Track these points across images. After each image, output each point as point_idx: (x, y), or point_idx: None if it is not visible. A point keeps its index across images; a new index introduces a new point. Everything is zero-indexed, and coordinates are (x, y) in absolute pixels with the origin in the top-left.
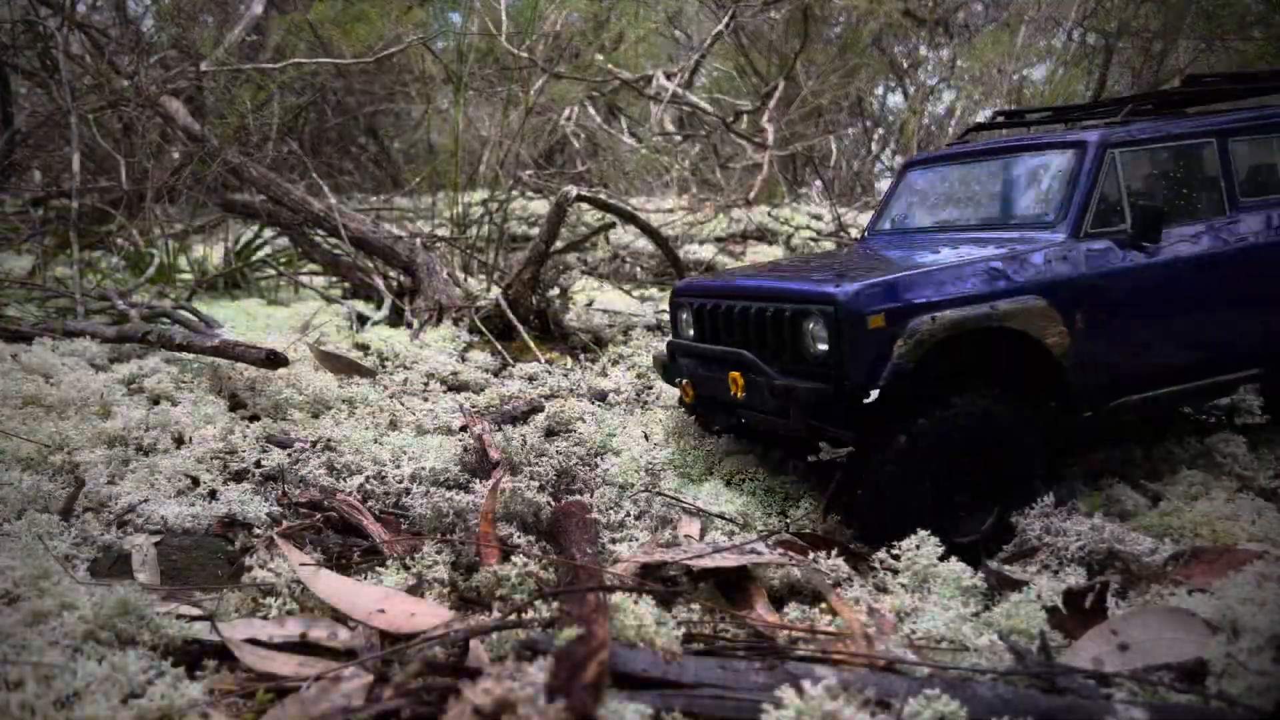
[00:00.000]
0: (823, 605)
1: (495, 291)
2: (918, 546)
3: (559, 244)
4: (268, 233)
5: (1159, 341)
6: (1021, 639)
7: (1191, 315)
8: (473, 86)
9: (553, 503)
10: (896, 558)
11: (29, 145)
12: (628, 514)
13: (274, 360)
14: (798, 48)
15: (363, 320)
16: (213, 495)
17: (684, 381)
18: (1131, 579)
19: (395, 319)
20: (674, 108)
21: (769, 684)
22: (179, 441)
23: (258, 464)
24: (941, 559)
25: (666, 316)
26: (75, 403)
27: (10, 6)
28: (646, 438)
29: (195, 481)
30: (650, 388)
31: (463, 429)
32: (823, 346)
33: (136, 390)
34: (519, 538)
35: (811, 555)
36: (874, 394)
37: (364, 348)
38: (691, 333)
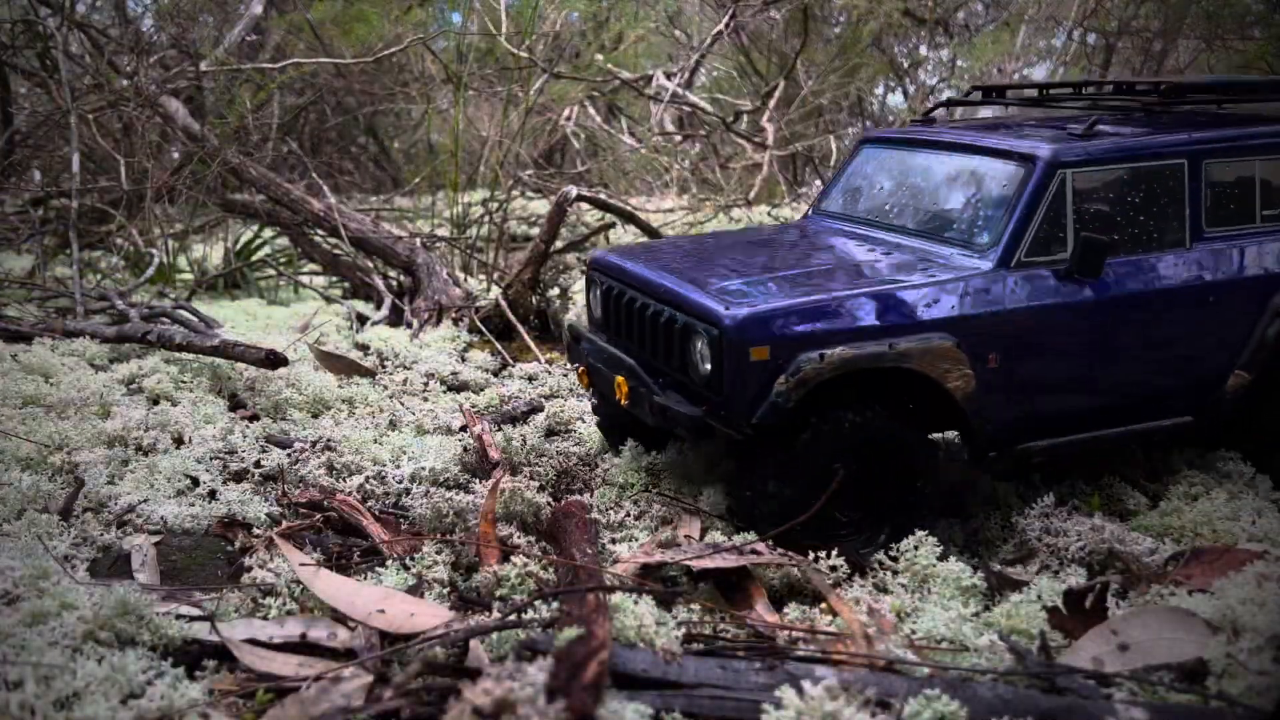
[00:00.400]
0: (823, 605)
1: (495, 291)
2: (916, 547)
3: (559, 244)
4: (268, 233)
5: (1081, 385)
6: (1022, 639)
7: (1123, 358)
8: (473, 86)
9: (553, 503)
10: (895, 559)
11: (29, 145)
12: (628, 514)
13: (274, 360)
14: (798, 47)
15: (363, 320)
16: (212, 495)
17: (580, 368)
18: (1132, 579)
19: (395, 319)
20: (674, 108)
21: (769, 684)
22: (178, 441)
23: (257, 464)
24: (940, 559)
25: None
26: (75, 403)
27: (10, 6)
28: None
29: (195, 481)
30: None
31: (463, 429)
32: (707, 367)
33: (136, 390)
34: (519, 538)
35: (812, 555)
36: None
37: (364, 348)
38: (599, 313)
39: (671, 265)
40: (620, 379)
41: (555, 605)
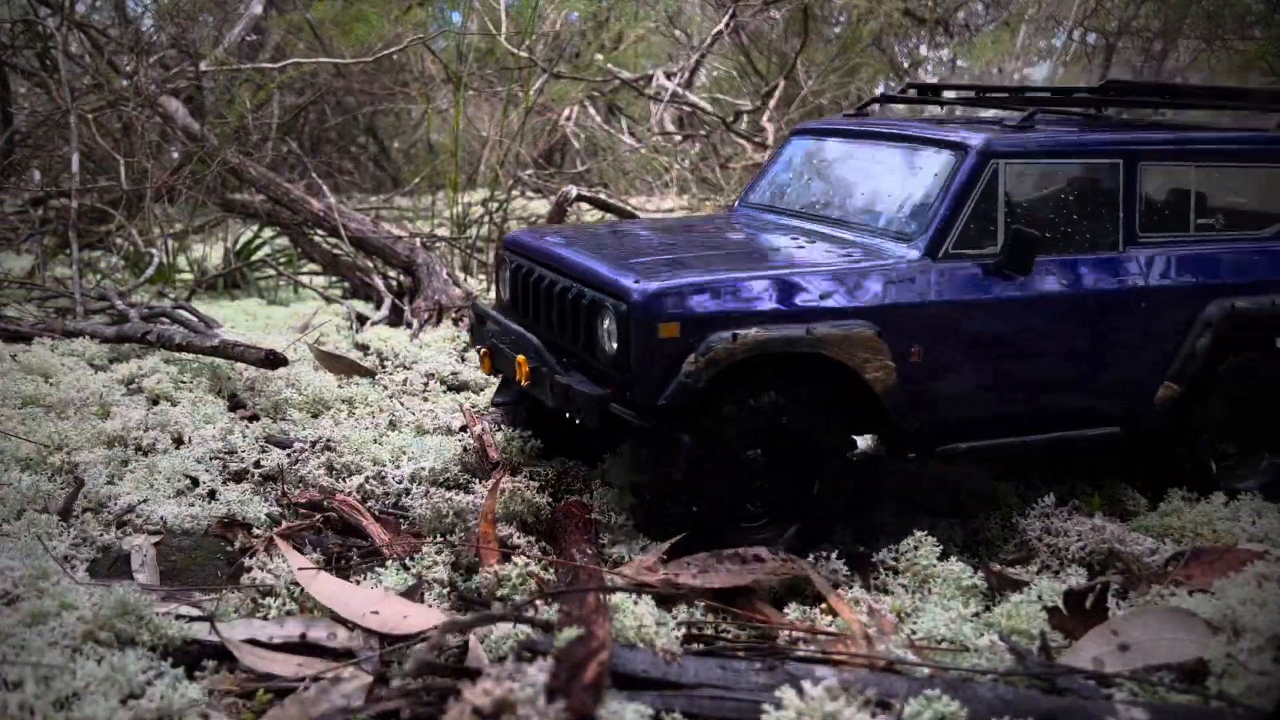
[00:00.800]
0: (823, 605)
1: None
2: (916, 547)
3: None
4: (267, 233)
5: (1008, 387)
6: (1022, 639)
7: (1051, 362)
8: (473, 86)
9: (553, 503)
10: (897, 559)
11: (28, 145)
12: (628, 515)
13: (273, 360)
14: (798, 47)
15: (362, 320)
16: (212, 495)
17: (483, 350)
18: (1132, 579)
19: (395, 319)
20: (674, 107)
21: (769, 685)
22: (178, 441)
23: (257, 464)
24: (941, 559)
25: None
26: (74, 403)
27: (10, 6)
28: None
29: (194, 482)
30: None
31: (463, 429)
32: (614, 345)
33: (136, 390)
34: (519, 538)
35: (813, 556)
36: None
37: (364, 348)
38: (508, 295)
39: (586, 244)
40: (521, 358)
41: (556, 607)
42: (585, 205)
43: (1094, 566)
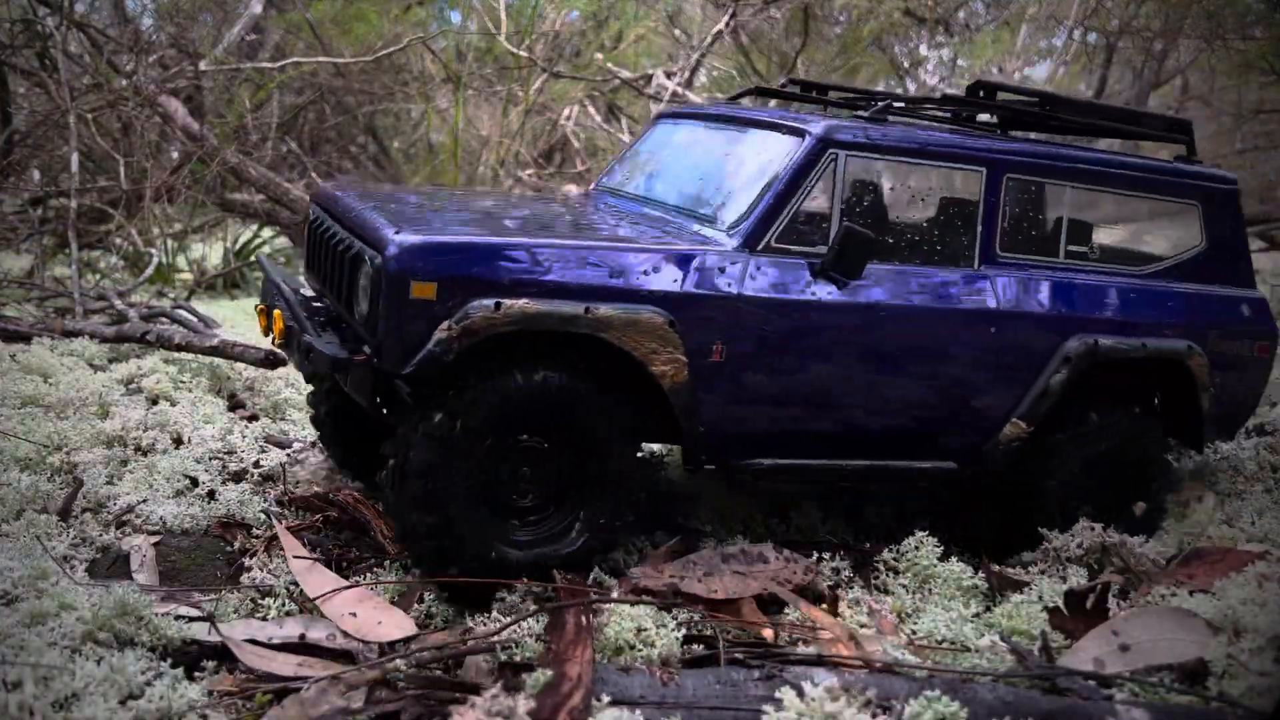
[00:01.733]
0: (824, 606)
1: None
2: (917, 547)
3: None
4: (267, 232)
5: (826, 404)
6: (1023, 640)
7: (879, 382)
8: (472, 86)
9: None
10: (897, 559)
11: (27, 145)
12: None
13: (273, 360)
14: (798, 47)
15: None
16: (211, 495)
17: (260, 307)
18: (1132, 579)
19: None
20: (674, 107)
21: (768, 696)
22: (178, 442)
23: (256, 464)
24: (941, 559)
25: None
26: (74, 403)
27: (9, 5)
28: None
29: (194, 482)
30: None
31: None
32: (366, 304)
33: (135, 390)
34: None
35: (816, 554)
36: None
37: None
38: (305, 250)
39: (386, 199)
40: (277, 313)
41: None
42: None
43: (1094, 567)
